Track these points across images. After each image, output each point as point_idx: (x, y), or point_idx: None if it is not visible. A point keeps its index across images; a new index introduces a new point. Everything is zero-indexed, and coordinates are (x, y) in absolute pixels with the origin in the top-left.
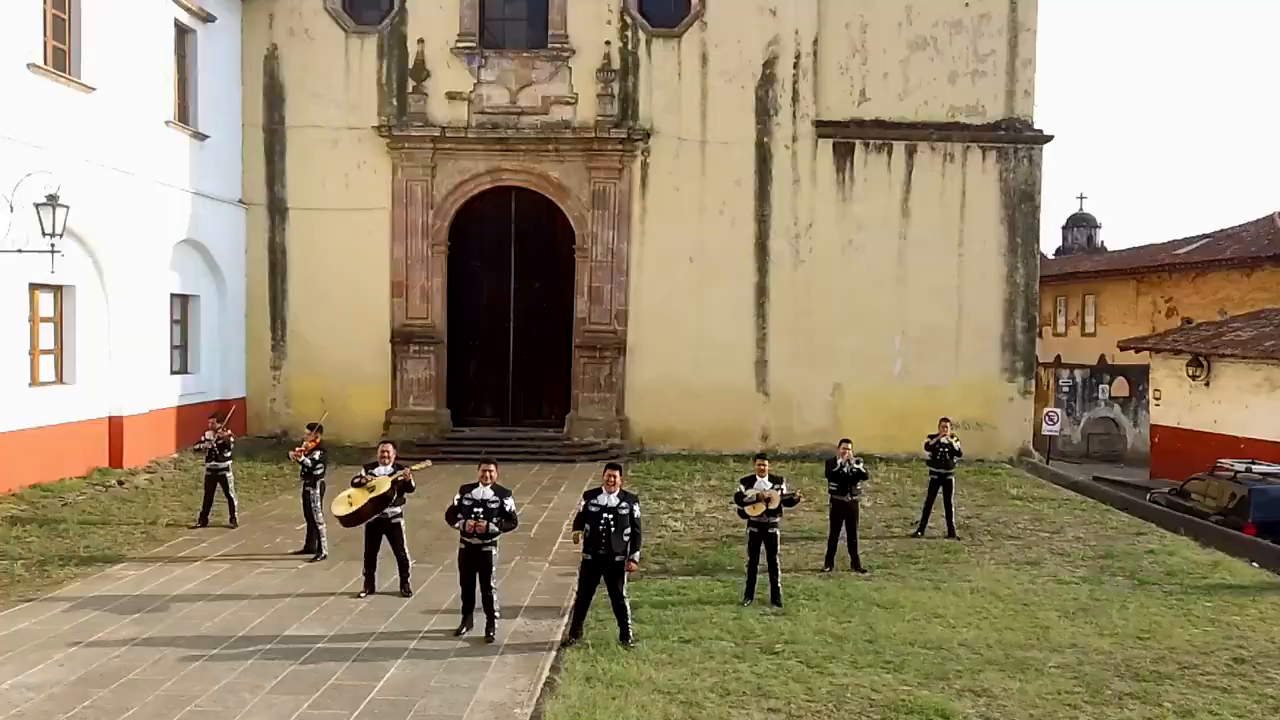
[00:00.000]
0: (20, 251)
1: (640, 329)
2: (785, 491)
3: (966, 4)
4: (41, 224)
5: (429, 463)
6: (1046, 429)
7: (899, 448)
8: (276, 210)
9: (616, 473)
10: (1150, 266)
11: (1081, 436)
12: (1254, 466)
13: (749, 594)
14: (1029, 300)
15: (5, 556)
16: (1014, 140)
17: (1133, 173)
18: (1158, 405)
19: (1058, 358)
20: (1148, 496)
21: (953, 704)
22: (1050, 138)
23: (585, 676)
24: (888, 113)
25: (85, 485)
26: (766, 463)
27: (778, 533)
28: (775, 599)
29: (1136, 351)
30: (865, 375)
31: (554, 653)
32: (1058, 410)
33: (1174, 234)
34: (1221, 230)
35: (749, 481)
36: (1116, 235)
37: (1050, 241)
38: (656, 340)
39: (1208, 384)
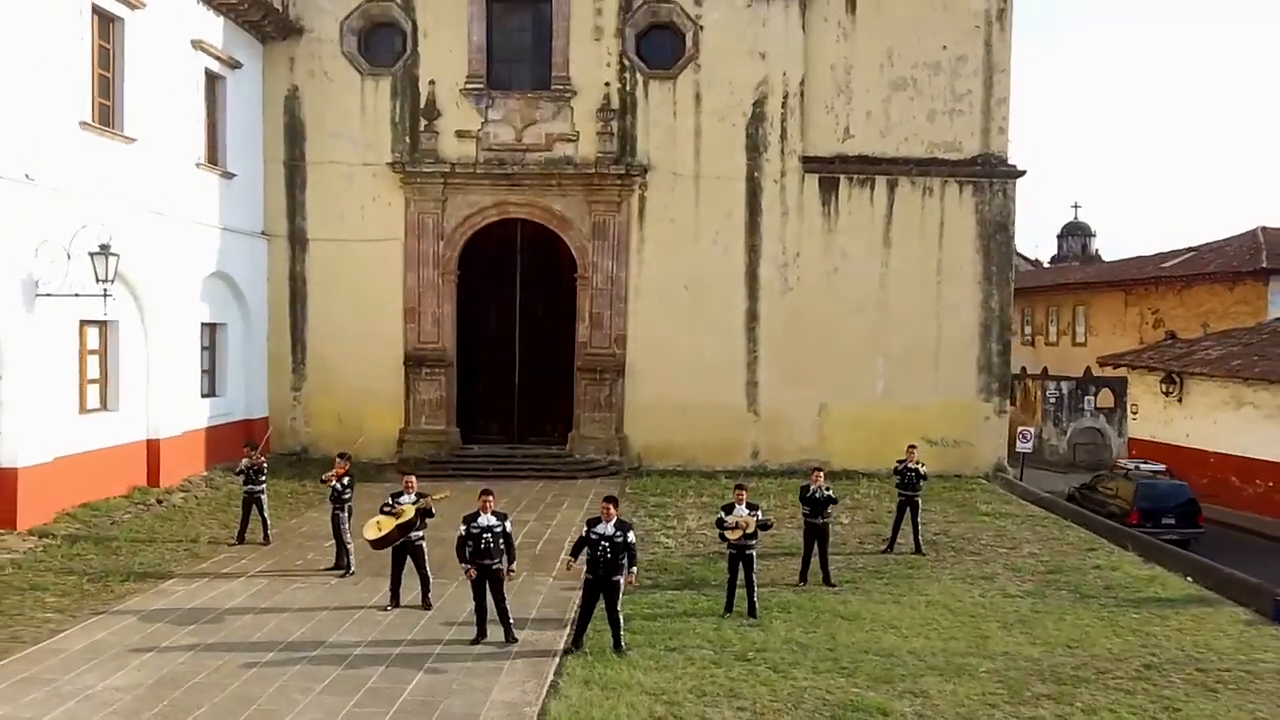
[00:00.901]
0: (77, 295)
1: (638, 352)
2: (760, 519)
3: (944, 47)
4: (95, 271)
5: (448, 493)
6: (1020, 446)
7: (881, 464)
8: (297, 241)
9: (612, 505)
10: (1137, 279)
11: (1068, 446)
12: (1141, 466)
13: (728, 608)
14: (1004, 325)
15: (71, 572)
16: (989, 175)
17: (1130, 180)
18: (1135, 419)
19: (1045, 370)
20: (1065, 492)
21: (893, 704)
22: (1023, 173)
23: (584, 680)
24: (870, 149)
25: (128, 504)
26: (745, 491)
27: (754, 554)
28: (752, 612)
29: (1115, 368)
30: (849, 395)
31: (557, 659)
32: (1030, 429)
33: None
34: (1206, 244)
35: (729, 508)
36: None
37: (1046, 249)
38: (653, 362)
39: (1180, 400)
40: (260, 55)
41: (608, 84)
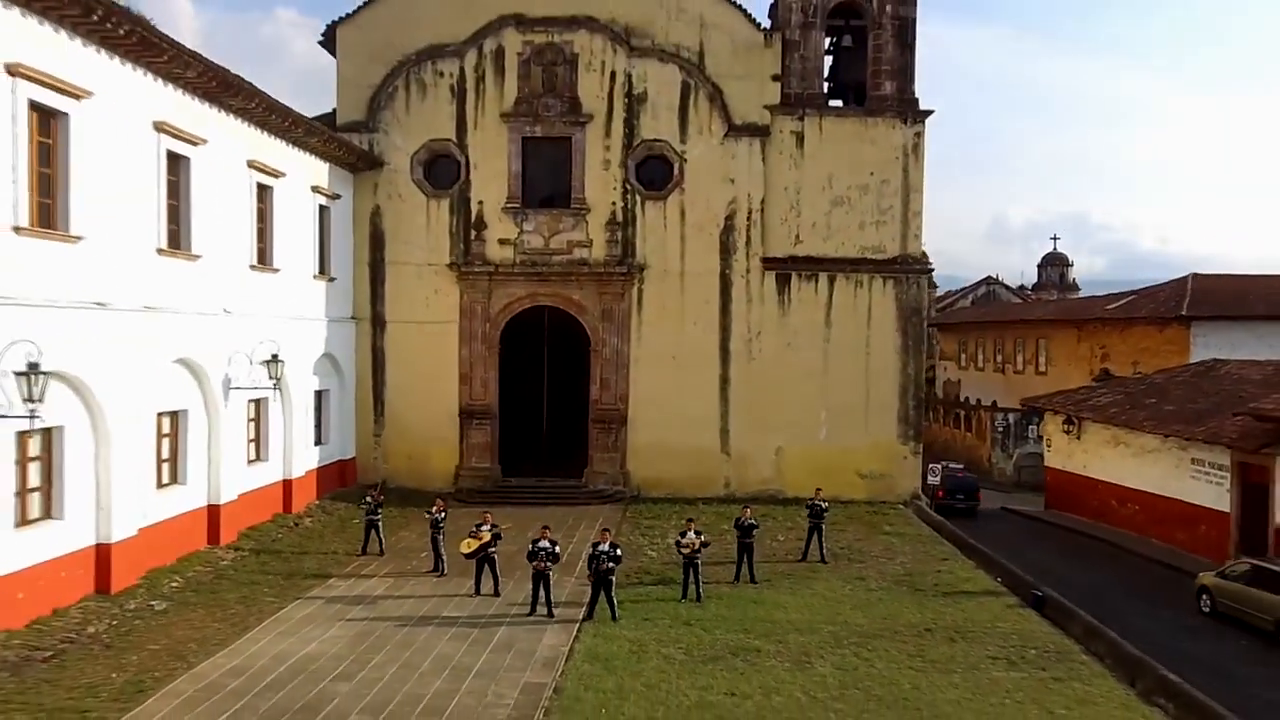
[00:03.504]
0: (255, 387)
1: (637, 407)
2: (703, 540)
3: (871, 173)
4: (270, 373)
5: (510, 526)
6: (930, 479)
7: (824, 491)
8: (378, 323)
9: (608, 531)
10: (1085, 319)
11: (1014, 469)
12: (949, 465)
13: (683, 595)
14: (918, 386)
15: (270, 572)
16: (906, 271)
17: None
18: (1049, 450)
19: (994, 403)
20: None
21: (764, 646)
22: (932, 269)
23: (593, 635)
24: (815, 251)
25: (275, 527)
26: (693, 522)
27: (699, 562)
28: (698, 598)
29: (1033, 409)
30: (800, 439)
31: (578, 625)
32: (938, 465)
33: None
34: (1146, 288)
35: (683, 533)
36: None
37: (1029, 276)
38: (649, 415)
39: (1079, 437)
40: (351, 184)
41: (614, 203)
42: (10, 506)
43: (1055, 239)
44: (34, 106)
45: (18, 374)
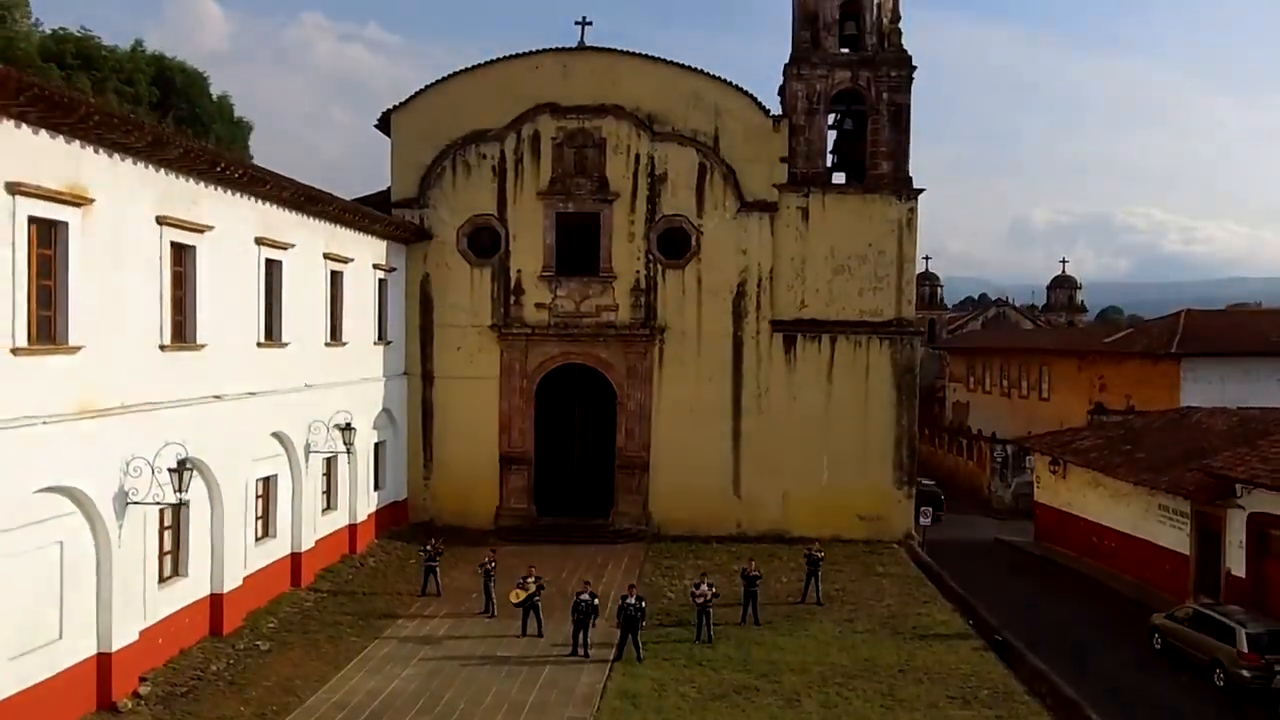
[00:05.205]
0: (331, 450)
1: (659, 454)
2: (714, 592)
3: (869, 244)
4: (344, 439)
5: (549, 579)
6: (921, 521)
7: (825, 531)
8: (427, 379)
9: (634, 586)
10: (1084, 350)
11: (1011, 497)
12: (921, 481)
13: (698, 637)
14: (911, 436)
15: (348, 613)
16: (900, 333)
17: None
18: (1039, 487)
19: (994, 434)
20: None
21: (762, 685)
22: (923, 333)
23: (622, 673)
24: (818, 315)
25: (345, 568)
26: (706, 575)
27: (710, 610)
28: (709, 640)
29: (1022, 453)
30: (804, 483)
31: (610, 664)
32: (929, 508)
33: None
34: (1143, 323)
35: (697, 584)
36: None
37: (1053, 271)
38: (669, 461)
39: (1064, 476)
40: (405, 254)
41: (638, 271)
42: (155, 570)
43: (1064, 261)
44: (174, 246)
45: (170, 470)
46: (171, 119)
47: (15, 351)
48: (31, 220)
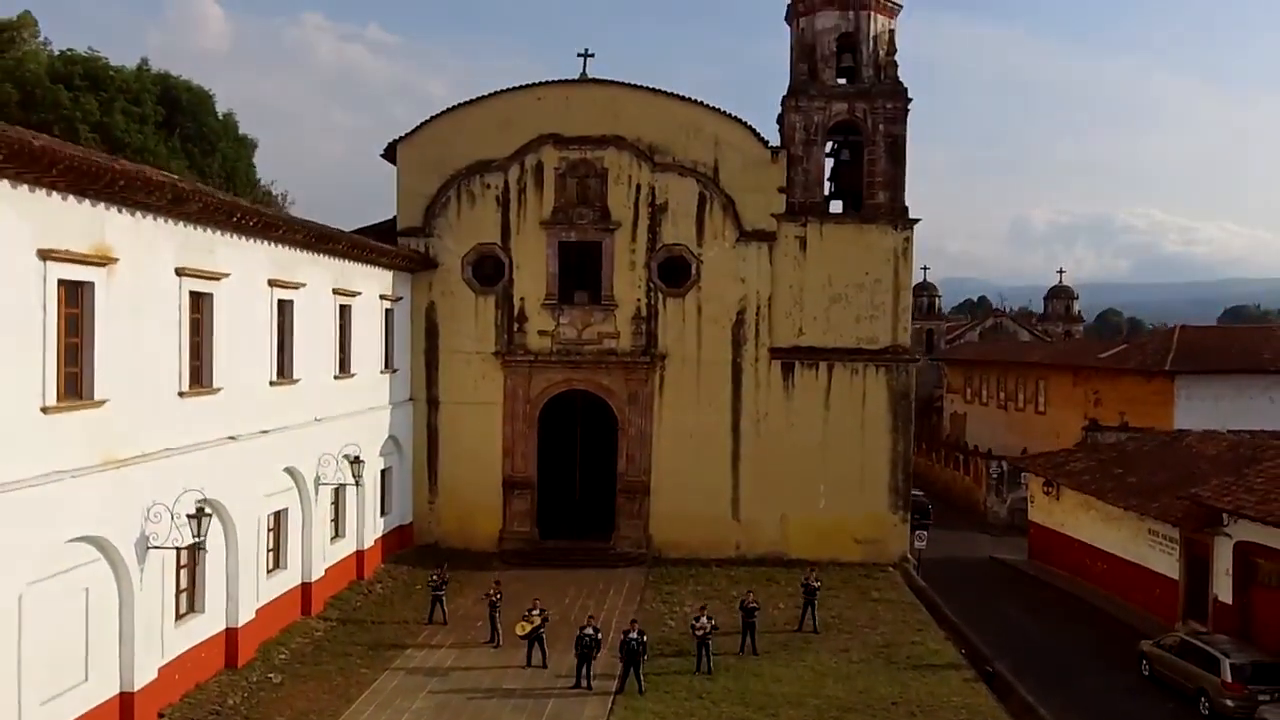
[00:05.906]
0: (339, 481)
1: (659, 478)
2: (713, 624)
3: (866, 273)
4: (353, 472)
5: (553, 612)
6: (917, 545)
7: (823, 554)
8: (432, 404)
9: (635, 622)
10: (1079, 366)
11: (1007, 512)
12: (914, 492)
13: (697, 668)
14: (906, 461)
15: (357, 643)
16: (895, 360)
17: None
18: (1033, 506)
19: (989, 450)
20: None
21: (758, 718)
22: (918, 360)
23: (625, 706)
24: (816, 342)
25: (353, 594)
26: (705, 608)
27: (710, 641)
28: (709, 671)
29: (1017, 470)
30: (802, 508)
31: (612, 697)
32: (924, 532)
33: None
34: (1136, 339)
35: (697, 617)
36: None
37: (1050, 279)
38: (669, 486)
39: (1057, 498)
40: (410, 283)
41: (639, 299)
42: (172, 608)
43: (1061, 272)
44: (193, 295)
45: (189, 516)
46: (178, 137)
47: (45, 410)
48: (60, 283)
